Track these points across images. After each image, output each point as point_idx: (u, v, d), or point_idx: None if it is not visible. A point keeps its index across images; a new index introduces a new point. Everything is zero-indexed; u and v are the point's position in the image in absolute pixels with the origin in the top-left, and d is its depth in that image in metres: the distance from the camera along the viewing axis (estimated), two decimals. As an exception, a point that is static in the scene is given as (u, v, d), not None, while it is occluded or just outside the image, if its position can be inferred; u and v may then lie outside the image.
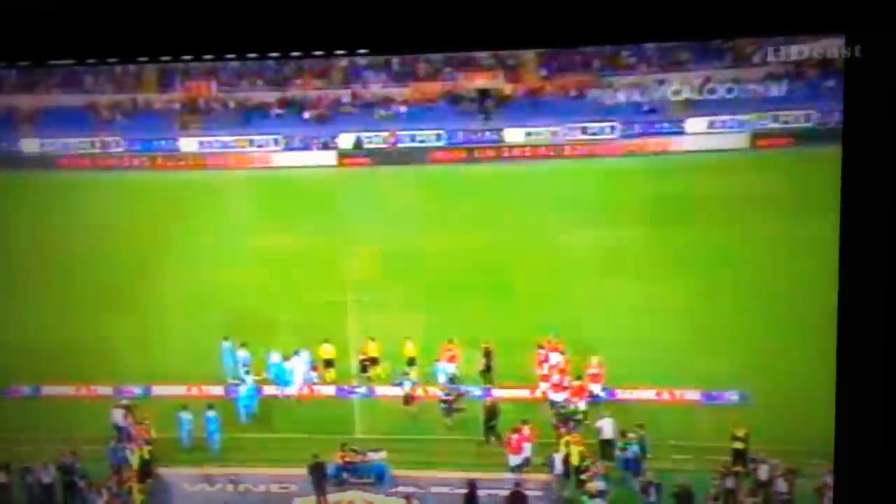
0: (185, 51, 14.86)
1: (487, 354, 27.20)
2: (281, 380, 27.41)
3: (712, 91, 27.29)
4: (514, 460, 24.25)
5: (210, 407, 25.87)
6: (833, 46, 15.73)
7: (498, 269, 31.72)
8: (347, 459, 24.35)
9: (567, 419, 25.13)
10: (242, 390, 26.68)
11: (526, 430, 24.46)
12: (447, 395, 26.27)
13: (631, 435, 24.28)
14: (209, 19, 14.50)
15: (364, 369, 27.77)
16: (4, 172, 38.91)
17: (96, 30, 14.68)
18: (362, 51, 14.93)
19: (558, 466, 23.90)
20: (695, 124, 36.03)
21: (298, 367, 27.50)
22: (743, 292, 27.66)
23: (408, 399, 26.61)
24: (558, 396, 26.03)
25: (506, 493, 23.39)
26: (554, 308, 28.99)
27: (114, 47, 14.94)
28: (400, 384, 26.74)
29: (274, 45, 14.66)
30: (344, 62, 38.16)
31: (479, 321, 28.59)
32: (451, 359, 27.15)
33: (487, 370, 27.18)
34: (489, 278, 31.31)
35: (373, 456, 24.44)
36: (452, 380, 26.77)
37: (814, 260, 16.78)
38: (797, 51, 17.63)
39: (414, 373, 27.08)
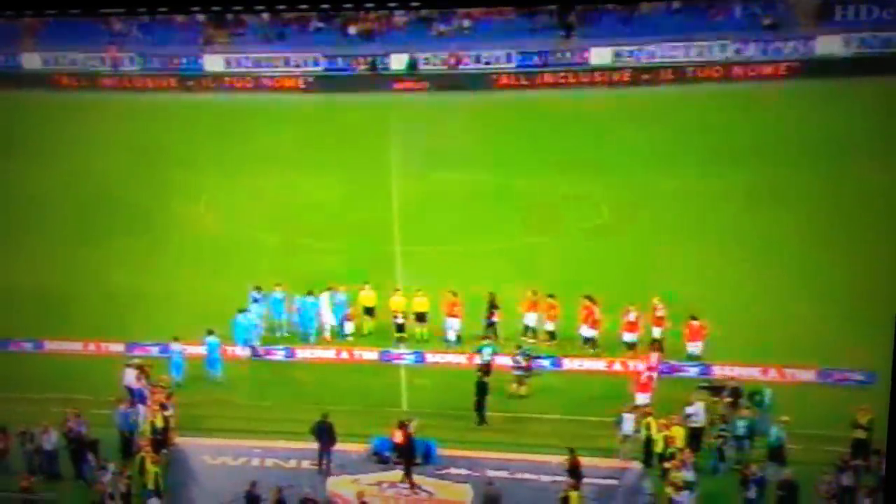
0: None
1: (492, 306, 24.57)
2: (306, 318, 25.21)
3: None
4: (642, 399, 21.62)
5: (210, 332, 23.75)
6: None
7: (572, 220, 29.23)
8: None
9: (722, 390, 21.72)
10: (242, 319, 24.63)
11: (654, 358, 22.38)
12: (524, 352, 23.27)
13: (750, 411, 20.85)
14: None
15: (400, 328, 25.33)
16: (2, 91, 38.18)
17: None
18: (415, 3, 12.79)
19: (627, 427, 21.00)
20: (828, 43, 32.20)
21: (326, 304, 25.20)
22: (872, 248, 24.63)
23: (486, 369, 23.24)
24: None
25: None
26: (640, 268, 26.30)
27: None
28: (479, 351, 23.65)
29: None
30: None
31: (544, 278, 26.01)
32: (453, 313, 24.82)
33: (490, 322, 24.61)
34: (562, 234, 28.86)
35: (410, 427, 21.25)
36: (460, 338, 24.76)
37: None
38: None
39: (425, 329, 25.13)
